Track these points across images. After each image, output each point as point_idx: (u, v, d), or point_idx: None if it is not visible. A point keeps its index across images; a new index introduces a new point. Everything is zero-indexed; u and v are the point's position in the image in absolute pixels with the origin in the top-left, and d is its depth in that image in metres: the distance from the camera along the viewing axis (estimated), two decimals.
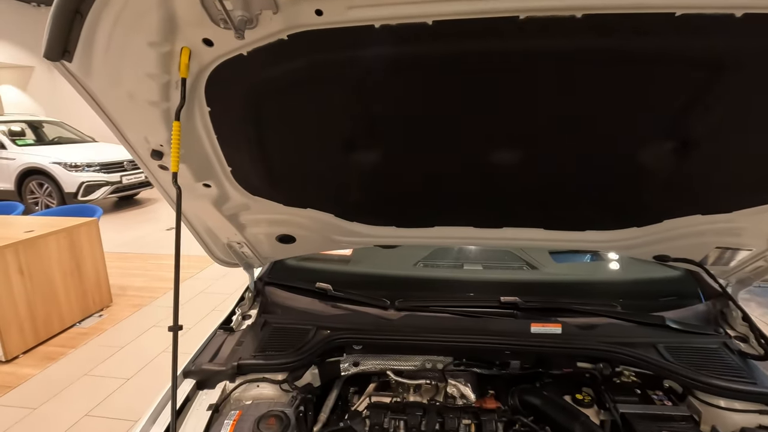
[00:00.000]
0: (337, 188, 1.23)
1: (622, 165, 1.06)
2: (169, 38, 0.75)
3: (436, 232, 1.35)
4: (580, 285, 1.65)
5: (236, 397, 1.27)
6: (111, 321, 3.73)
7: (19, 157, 7.29)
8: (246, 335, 1.43)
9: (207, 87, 0.87)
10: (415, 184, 1.21)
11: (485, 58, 0.79)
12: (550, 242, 1.33)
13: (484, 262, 1.76)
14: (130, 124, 0.92)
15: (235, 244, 1.45)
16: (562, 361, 1.35)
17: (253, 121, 0.98)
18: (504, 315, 1.41)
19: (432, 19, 0.70)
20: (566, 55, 0.78)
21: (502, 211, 1.29)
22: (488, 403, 1.25)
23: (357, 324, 1.42)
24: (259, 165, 1.12)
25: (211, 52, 0.78)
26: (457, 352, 1.37)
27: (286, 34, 0.74)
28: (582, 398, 1.26)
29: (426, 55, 0.78)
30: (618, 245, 1.31)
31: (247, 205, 1.26)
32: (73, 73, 0.79)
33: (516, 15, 0.69)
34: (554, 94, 0.89)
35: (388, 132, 1.03)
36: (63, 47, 0.72)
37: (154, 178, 1.11)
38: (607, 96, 0.87)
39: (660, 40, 0.73)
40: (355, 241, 1.42)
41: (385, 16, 0.70)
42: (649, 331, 1.35)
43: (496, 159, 1.09)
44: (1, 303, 3.02)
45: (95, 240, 3.80)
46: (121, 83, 0.82)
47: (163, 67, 0.79)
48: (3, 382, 2.87)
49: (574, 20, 0.69)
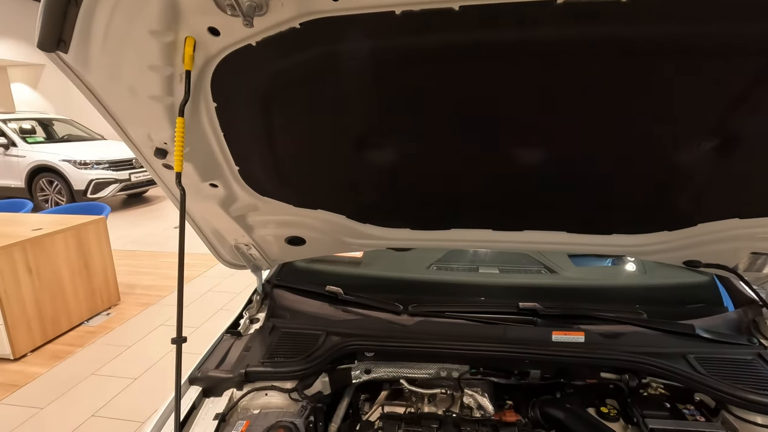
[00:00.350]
0: (350, 188, 1.17)
1: (657, 165, 0.99)
2: (172, 27, 0.69)
3: (453, 234, 1.29)
4: (601, 290, 1.57)
5: (244, 405, 1.22)
6: (119, 320, 3.72)
7: (29, 154, 7.33)
8: (254, 340, 1.38)
9: (213, 80, 0.81)
10: (432, 185, 1.14)
11: (515, 47, 0.72)
12: (573, 246, 1.26)
13: (500, 265, 1.69)
14: (132, 120, 0.87)
15: (243, 246, 1.40)
16: (585, 371, 1.28)
17: (262, 117, 0.92)
18: (523, 322, 1.35)
19: (459, 5, 0.64)
20: (602, 45, 0.72)
21: (523, 213, 1.22)
22: (508, 416, 1.19)
23: (369, 330, 1.36)
24: (268, 164, 1.06)
25: (217, 42, 0.72)
26: (474, 361, 1.31)
27: (298, 21, 0.68)
28: (607, 411, 1.20)
29: (450, 44, 0.72)
30: (647, 250, 1.23)
31: (255, 205, 1.20)
32: (70, 65, 0.74)
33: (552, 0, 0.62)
34: (587, 90, 0.82)
35: (405, 129, 0.96)
36: (57, 37, 0.67)
37: (159, 177, 1.06)
38: (646, 91, 0.80)
39: (709, 27, 0.66)
40: (368, 243, 1.36)
41: (407, 1, 0.64)
42: (677, 340, 1.28)
43: (520, 158, 1.02)
44: (10, 301, 3.01)
45: (103, 238, 3.79)
46: (121, 76, 0.76)
47: (165, 58, 0.74)
48: (11, 381, 2.87)
49: (618, 4, 0.62)
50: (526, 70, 0.79)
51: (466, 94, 0.86)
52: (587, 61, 0.76)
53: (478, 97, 0.87)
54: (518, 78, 0.81)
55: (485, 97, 0.87)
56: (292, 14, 0.66)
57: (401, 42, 0.72)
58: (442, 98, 0.88)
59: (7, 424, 2.47)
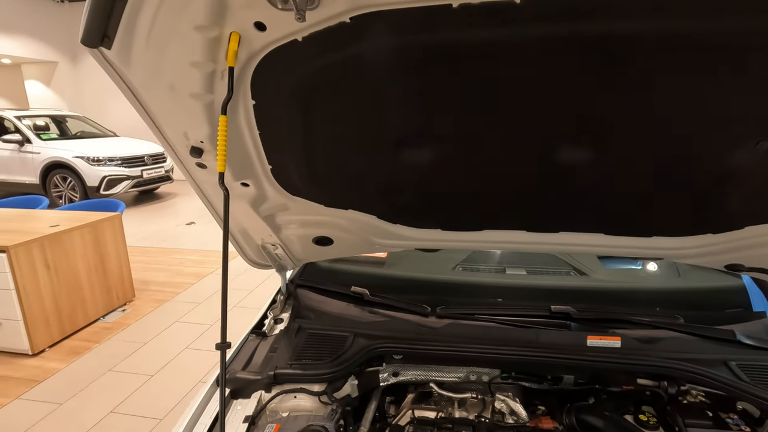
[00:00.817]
0: (384, 188, 1.14)
1: (705, 166, 0.95)
2: (218, 22, 0.67)
3: (485, 236, 1.26)
4: (633, 293, 1.53)
5: (272, 408, 1.20)
6: (134, 316, 3.73)
7: (43, 151, 7.40)
8: (280, 341, 1.36)
9: (254, 77, 0.78)
10: (467, 185, 1.11)
11: (580, 42, 0.68)
12: (610, 248, 1.22)
13: (528, 266, 1.65)
14: (170, 118, 0.84)
15: (270, 246, 1.38)
16: (621, 377, 1.24)
17: (300, 116, 0.89)
18: (556, 325, 1.31)
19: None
20: (662, 41, 0.68)
21: (559, 214, 1.18)
22: (544, 423, 1.16)
23: (397, 332, 1.33)
24: (301, 163, 1.04)
25: (262, 38, 0.70)
26: (506, 365, 1.28)
27: (348, 16, 0.65)
28: (646, 420, 1.16)
29: (506, 39, 0.68)
30: (688, 253, 1.19)
31: (285, 205, 1.18)
32: (112, 62, 0.72)
33: None
34: (638, 88, 0.79)
35: (445, 129, 0.93)
36: (102, 32, 0.64)
37: (190, 176, 1.04)
38: (696, 87, 0.76)
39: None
40: (397, 244, 1.33)
41: None
42: (717, 346, 1.24)
43: (558, 158, 0.99)
44: (28, 297, 3.03)
45: (119, 235, 3.80)
46: (162, 73, 0.74)
47: (209, 54, 0.71)
48: (30, 376, 2.89)
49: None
50: (577, 70, 0.76)
51: (511, 93, 0.83)
52: (646, 58, 0.72)
53: (523, 96, 0.84)
54: (566, 78, 0.78)
55: (531, 96, 0.84)
56: (344, 8, 0.63)
57: (453, 37, 0.69)
58: (486, 97, 0.85)
59: (28, 420, 2.49)
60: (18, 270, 2.95)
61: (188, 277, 4.57)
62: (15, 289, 2.95)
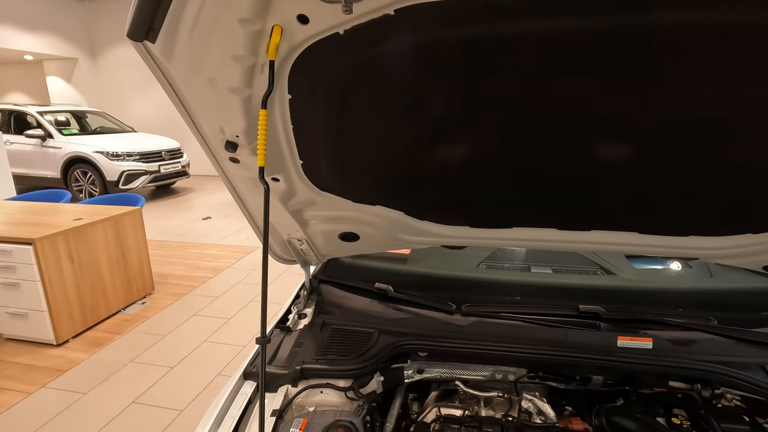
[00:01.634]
0: (413, 185, 1.13)
1: (746, 164, 0.92)
2: (262, 15, 0.66)
3: (514, 233, 1.24)
4: (664, 294, 1.49)
5: (299, 402, 1.21)
6: (153, 309, 3.80)
7: (64, 146, 7.56)
8: (305, 336, 1.37)
9: (292, 72, 0.78)
10: (496, 182, 1.10)
11: (624, 40, 0.66)
12: (643, 248, 1.19)
13: (554, 265, 1.63)
14: (207, 112, 0.85)
15: (296, 241, 1.39)
16: (652, 379, 1.22)
17: (334, 110, 0.89)
18: (584, 325, 1.29)
19: None
20: (703, 36, 0.66)
21: (591, 211, 1.16)
22: (575, 424, 1.14)
23: (423, 329, 1.33)
24: (332, 159, 1.03)
25: (304, 31, 0.69)
26: (534, 364, 1.26)
27: (393, 8, 0.64)
28: (679, 423, 1.13)
29: (555, 32, 0.67)
30: (724, 253, 1.16)
31: (313, 200, 1.18)
32: (154, 56, 0.72)
33: None
34: (676, 84, 0.76)
35: (480, 124, 0.92)
36: (148, 26, 0.65)
37: (222, 170, 1.04)
38: (739, 84, 0.74)
39: None
40: (423, 240, 1.32)
41: None
42: (754, 349, 1.20)
43: (593, 156, 0.96)
44: (53, 289, 3.10)
45: (139, 229, 3.86)
46: (203, 67, 0.74)
47: (250, 48, 0.71)
48: (55, 366, 2.96)
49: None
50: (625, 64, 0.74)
51: (550, 90, 0.81)
52: (690, 54, 0.70)
53: (562, 93, 0.82)
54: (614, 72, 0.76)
55: (569, 94, 0.82)
56: (389, 0, 0.62)
57: (498, 30, 0.67)
58: (523, 93, 0.83)
59: (54, 408, 2.55)
60: (43, 262, 3.02)
61: (205, 271, 4.63)
62: (40, 280, 3.02)
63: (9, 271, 3.04)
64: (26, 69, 11.56)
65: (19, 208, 3.81)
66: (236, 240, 5.70)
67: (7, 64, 11.64)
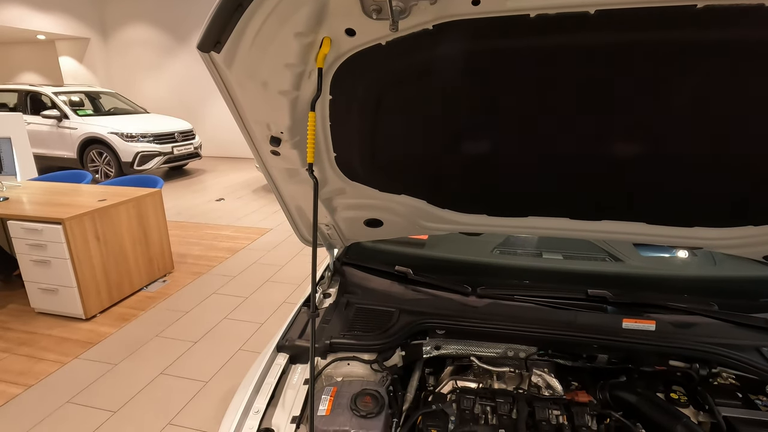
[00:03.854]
0: (435, 176, 1.22)
1: (748, 161, 0.99)
2: (315, 29, 0.74)
3: (529, 222, 1.33)
4: (669, 280, 1.58)
5: (328, 373, 1.33)
6: (174, 287, 3.96)
7: (80, 126, 7.67)
8: (330, 314, 1.48)
9: (335, 76, 0.86)
10: (517, 174, 1.18)
11: (647, 50, 0.73)
12: (651, 237, 1.28)
13: (564, 251, 1.72)
14: (257, 111, 0.93)
15: (323, 226, 1.49)
16: (653, 358, 1.32)
17: (369, 109, 0.97)
18: (592, 309, 1.39)
19: (595, 9, 0.66)
20: (709, 48, 0.72)
21: (602, 202, 1.24)
22: (581, 396, 1.25)
23: (440, 309, 1.43)
24: (364, 153, 1.12)
25: (350, 42, 0.77)
26: (544, 343, 1.37)
27: (432, 23, 0.72)
28: (677, 398, 1.23)
29: (575, 47, 0.74)
30: (728, 244, 1.24)
31: (343, 189, 1.27)
32: (217, 64, 0.81)
33: (693, 4, 0.63)
34: (690, 86, 0.83)
35: (502, 124, 1.00)
36: (216, 39, 0.73)
37: (262, 162, 1.14)
38: (745, 87, 0.80)
39: None
40: (443, 227, 1.42)
41: (544, 5, 0.67)
42: (751, 333, 1.29)
43: (607, 153, 1.04)
44: (82, 266, 3.26)
45: (159, 209, 4.00)
46: (258, 73, 0.82)
47: (302, 57, 0.79)
48: (86, 339, 3.14)
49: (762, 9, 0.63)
50: (640, 71, 0.81)
51: (569, 94, 0.88)
52: (701, 62, 0.77)
53: (580, 97, 0.89)
54: (629, 78, 0.83)
55: (586, 97, 0.89)
56: (430, 17, 0.70)
57: (527, 43, 0.75)
58: (544, 97, 0.90)
59: (89, 377, 2.73)
60: (72, 241, 3.16)
61: (222, 251, 4.78)
62: (70, 258, 3.18)
63: (40, 249, 3.20)
64: (39, 49, 11.63)
65: (43, 188, 3.95)
66: (250, 221, 5.83)
67: (21, 44, 11.70)
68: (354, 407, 1.16)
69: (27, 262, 3.28)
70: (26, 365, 2.85)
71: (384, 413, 1.15)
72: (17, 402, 2.53)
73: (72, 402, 2.52)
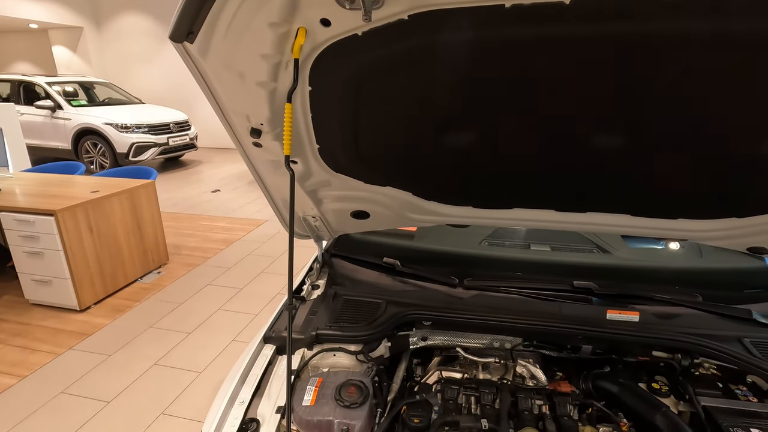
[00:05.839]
0: (420, 168, 1.22)
1: (730, 153, 0.99)
2: (289, 18, 0.73)
3: (514, 214, 1.33)
4: (656, 272, 1.59)
5: (314, 364, 1.34)
6: (169, 278, 3.97)
7: (74, 117, 7.61)
8: (318, 305, 1.49)
9: (313, 67, 0.85)
10: (499, 167, 1.18)
11: (614, 40, 0.73)
12: (636, 229, 1.28)
13: (553, 243, 1.72)
14: (236, 102, 0.93)
15: (310, 218, 1.48)
16: (637, 349, 1.33)
17: (349, 100, 0.96)
18: (578, 300, 1.39)
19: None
20: (687, 40, 0.72)
21: (587, 195, 1.24)
22: (563, 387, 1.26)
23: (427, 300, 1.44)
24: (346, 144, 1.11)
25: (325, 33, 0.76)
26: (529, 334, 1.38)
27: (408, 13, 0.71)
28: (659, 388, 1.25)
29: (552, 37, 0.73)
30: (711, 235, 1.24)
31: (328, 181, 1.27)
32: (191, 54, 0.80)
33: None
34: (671, 79, 0.83)
35: (483, 114, 0.99)
36: (188, 29, 0.72)
37: (246, 154, 1.13)
38: (724, 81, 0.80)
39: None
40: (429, 219, 1.42)
41: None
42: (733, 324, 1.30)
43: (588, 144, 1.04)
44: (75, 258, 3.25)
45: (153, 201, 3.98)
46: (234, 64, 0.82)
47: (277, 47, 0.78)
48: (80, 330, 3.15)
49: None
50: (614, 64, 0.80)
51: (548, 84, 0.88)
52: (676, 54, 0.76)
53: (559, 87, 0.89)
54: (606, 70, 0.82)
55: (566, 87, 0.88)
56: (405, 7, 0.69)
57: (502, 33, 0.74)
58: (523, 87, 0.90)
59: (83, 368, 2.75)
60: (65, 232, 3.16)
61: (217, 243, 4.78)
62: (63, 249, 3.18)
63: (33, 241, 3.19)
64: (32, 38, 11.48)
65: (36, 179, 3.93)
66: (246, 213, 5.83)
67: (13, 33, 11.55)
68: (338, 397, 1.17)
69: (20, 254, 3.27)
70: (20, 356, 2.86)
71: (368, 403, 1.16)
72: (11, 392, 2.55)
73: (66, 392, 2.54)
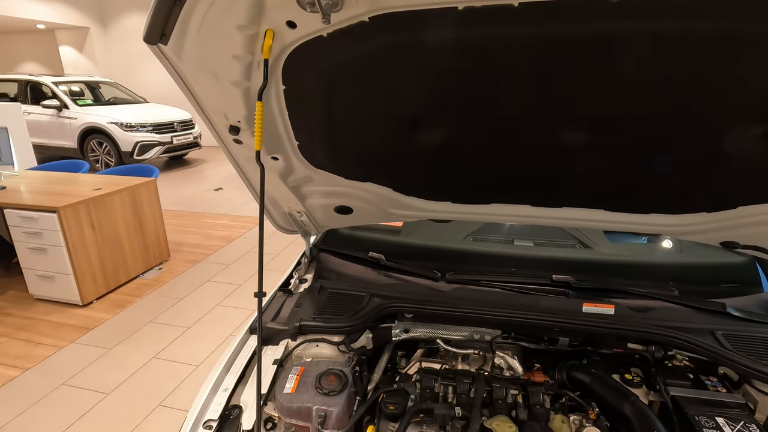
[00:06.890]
0: (397, 164, 1.26)
1: (701, 148, 1.02)
2: (256, 21, 0.77)
3: (492, 209, 1.36)
4: (635, 266, 1.62)
5: (297, 354, 1.38)
6: (170, 274, 4.04)
7: (80, 116, 7.73)
8: (304, 298, 1.53)
9: (285, 66, 0.89)
10: (476, 162, 1.21)
11: (570, 40, 0.76)
12: (610, 224, 1.31)
13: (535, 238, 1.75)
14: (213, 101, 0.97)
15: (296, 213, 1.53)
16: (612, 341, 1.36)
17: (323, 98, 1.00)
18: (556, 293, 1.43)
19: (518, 1, 0.69)
20: (660, 36, 0.75)
21: (562, 190, 1.27)
22: (537, 377, 1.29)
23: (409, 294, 1.48)
24: (324, 140, 1.15)
25: (293, 34, 0.80)
26: (507, 326, 1.41)
27: (368, 16, 0.75)
28: (631, 378, 1.28)
29: (506, 37, 0.77)
30: (684, 230, 1.27)
31: (310, 177, 1.31)
32: (167, 55, 0.84)
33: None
34: (636, 75, 0.86)
35: (452, 111, 1.03)
36: (161, 31, 0.77)
37: (228, 150, 1.17)
38: (696, 79, 0.83)
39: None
40: (410, 214, 1.45)
41: None
42: (707, 317, 1.33)
43: (562, 139, 1.07)
44: (77, 254, 3.33)
45: (154, 198, 4.06)
46: (207, 64, 0.86)
47: (247, 48, 0.83)
48: (82, 324, 3.23)
49: None
50: (575, 62, 0.83)
51: (512, 82, 0.91)
52: (638, 50, 0.79)
53: (528, 85, 0.92)
54: (566, 68, 0.85)
55: (535, 85, 0.92)
56: (363, 10, 0.73)
57: (459, 34, 0.77)
58: (492, 86, 0.93)
59: (84, 361, 2.82)
60: (67, 229, 3.23)
61: (218, 240, 4.85)
62: (65, 245, 3.25)
63: (36, 237, 3.27)
64: (39, 38, 11.64)
65: (41, 177, 4.02)
66: (247, 210, 5.89)
67: (21, 33, 11.72)
68: (318, 385, 1.22)
69: (24, 250, 3.36)
70: (24, 349, 2.94)
71: (347, 391, 1.20)
72: (15, 384, 2.62)
73: (67, 384, 2.61)
